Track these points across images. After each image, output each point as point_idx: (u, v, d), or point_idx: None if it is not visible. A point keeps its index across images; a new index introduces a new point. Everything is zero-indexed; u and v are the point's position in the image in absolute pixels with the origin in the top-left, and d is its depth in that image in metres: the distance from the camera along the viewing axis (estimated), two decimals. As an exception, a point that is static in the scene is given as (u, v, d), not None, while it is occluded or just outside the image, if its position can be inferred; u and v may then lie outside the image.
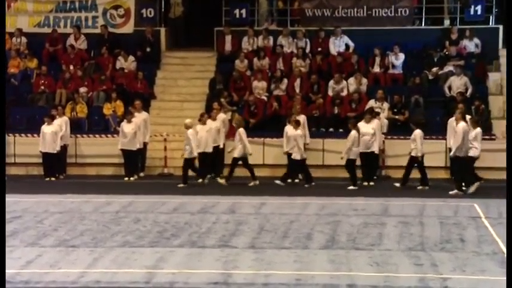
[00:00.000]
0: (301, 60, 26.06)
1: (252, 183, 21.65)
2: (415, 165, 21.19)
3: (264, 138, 23.60)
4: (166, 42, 28.06)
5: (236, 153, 21.69)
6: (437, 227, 16.02)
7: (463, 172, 20.52)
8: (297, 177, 22.23)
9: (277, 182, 21.70)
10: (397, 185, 21.26)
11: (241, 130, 21.81)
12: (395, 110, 24.09)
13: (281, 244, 14.49)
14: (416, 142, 21.00)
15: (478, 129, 20.70)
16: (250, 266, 12.88)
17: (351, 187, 21.16)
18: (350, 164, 21.37)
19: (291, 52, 26.62)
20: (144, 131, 23.14)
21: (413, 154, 21.06)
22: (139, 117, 23.11)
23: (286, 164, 22.44)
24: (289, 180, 21.98)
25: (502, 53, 26.18)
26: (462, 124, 20.41)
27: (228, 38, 27.11)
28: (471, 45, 26.16)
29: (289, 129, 21.86)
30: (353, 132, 21.33)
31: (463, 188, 20.45)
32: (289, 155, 21.76)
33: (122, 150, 22.75)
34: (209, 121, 22.44)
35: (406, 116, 23.96)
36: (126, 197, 19.67)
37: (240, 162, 21.88)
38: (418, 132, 21.11)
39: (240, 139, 21.69)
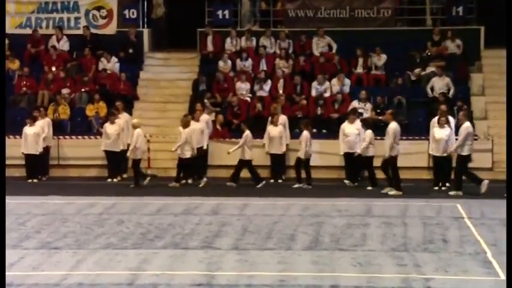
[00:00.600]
0: (284, 61, 26.09)
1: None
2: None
3: (247, 139, 23.56)
4: (149, 43, 28.00)
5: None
6: (420, 228, 16.07)
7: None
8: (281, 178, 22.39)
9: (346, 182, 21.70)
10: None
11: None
12: (378, 111, 24.16)
13: (264, 245, 14.49)
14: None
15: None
16: (234, 267, 12.88)
17: (296, 185, 21.34)
18: (300, 164, 21.47)
19: (274, 53, 26.65)
20: (127, 132, 23.05)
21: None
22: (122, 118, 23.04)
23: (269, 164, 22.50)
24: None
25: (484, 54, 26.33)
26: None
27: (211, 39, 27.09)
28: (453, 46, 26.27)
29: (271, 129, 21.92)
30: (305, 133, 21.34)
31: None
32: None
33: (106, 151, 22.68)
34: (192, 122, 22.35)
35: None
36: (109, 198, 19.62)
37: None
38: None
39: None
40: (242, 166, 21.86)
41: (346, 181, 21.72)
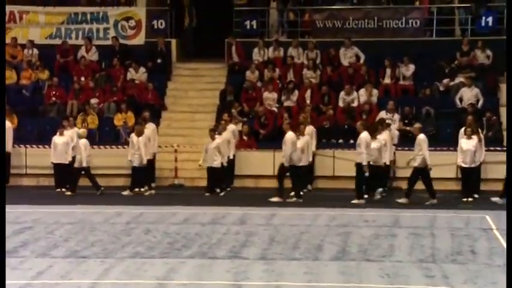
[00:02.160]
0: (312, 72, 26.07)
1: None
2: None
3: (274, 149, 23.53)
4: (177, 53, 28.13)
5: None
6: (449, 239, 15.96)
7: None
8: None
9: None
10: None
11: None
12: (406, 122, 24.05)
13: (291, 255, 14.46)
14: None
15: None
16: (261, 277, 12.86)
17: (275, 198, 20.87)
18: (283, 172, 21.18)
19: (302, 63, 26.64)
20: (153, 142, 23.12)
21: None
22: (149, 128, 23.10)
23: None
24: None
25: (514, 64, 26.09)
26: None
27: (238, 49, 27.14)
28: (482, 56, 26.11)
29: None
30: (290, 135, 21.09)
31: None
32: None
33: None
34: (217, 136, 22.21)
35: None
36: (137, 207, 19.69)
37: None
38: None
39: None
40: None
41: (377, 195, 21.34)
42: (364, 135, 20.82)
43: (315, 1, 28.57)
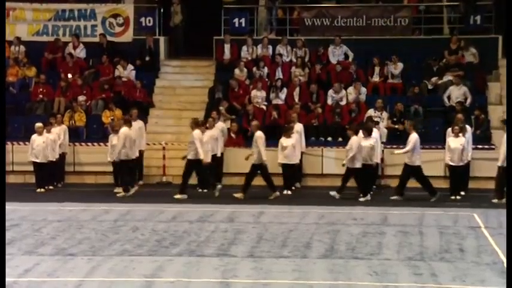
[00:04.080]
0: (301, 69, 26.05)
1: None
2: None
3: (263, 147, 23.52)
4: (165, 50, 28.05)
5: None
6: (437, 237, 15.97)
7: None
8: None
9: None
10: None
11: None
12: (394, 119, 24.07)
13: (280, 253, 14.43)
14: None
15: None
16: (249, 275, 12.83)
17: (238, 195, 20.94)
18: (254, 172, 21.19)
19: (290, 61, 26.62)
20: (139, 139, 23.00)
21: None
22: (135, 125, 22.98)
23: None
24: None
25: (502, 63, 26.17)
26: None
27: (227, 47, 27.11)
28: (470, 55, 26.14)
29: (283, 140, 21.73)
30: (258, 133, 21.17)
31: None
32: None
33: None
34: (207, 131, 22.24)
35: (406, 125, 23.94)
36: (125, 205, 19.63)
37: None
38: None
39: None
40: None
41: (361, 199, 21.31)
42: (356, 139, 20.84)
43: (304, -1, 28.57)
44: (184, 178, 21.29)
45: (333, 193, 21.02)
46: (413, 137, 20.90)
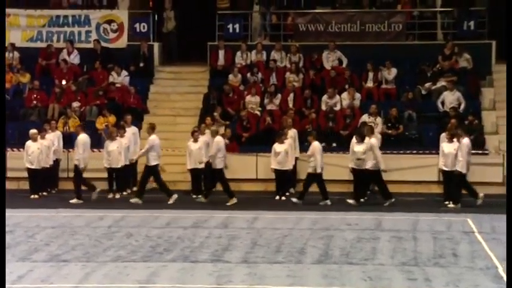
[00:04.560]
0: (295, 75, 26.08)
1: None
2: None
3: (257, 153, 23.55)
4: (160, 56, 28.06)
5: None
6: (431, 242, 15.98)
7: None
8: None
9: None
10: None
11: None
12: (389, 125, 24.11)
13: (274, 259, 14.43)
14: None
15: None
16: (243, 281, 12.82)
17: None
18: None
19: (285, 67, 26.65)
20: (134, 146, 22.98)
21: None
22: (129, 131, 22.98)
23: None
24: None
25: (495, 68, 26.25)
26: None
27: (222, 53, 27.13)
28: (464, 60, 26.20)
29: (276, 146, 21.72)
30: (218, 138, 21.29)
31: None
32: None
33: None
34: (200, 137, 22.24)
35: (400, 130, 24.01)
36: (119, 211, 19.60)
37: None
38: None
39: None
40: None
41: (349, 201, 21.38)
42: (317, 144, 21.05)
43: (298, 5, 28.58)
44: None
45: (351, 201, 20.93)
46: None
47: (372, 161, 20.81)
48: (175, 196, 21.31)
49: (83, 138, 21.78)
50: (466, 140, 20.72)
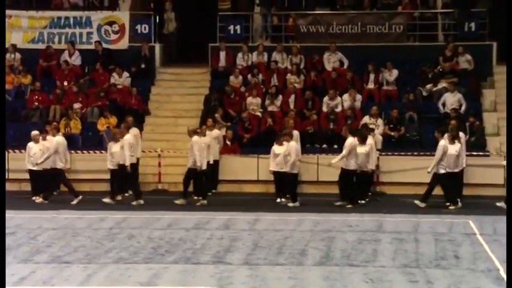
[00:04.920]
0: (296, 76, 26.10)
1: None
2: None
3: (258, 154, 23.57)
4: (161, 58, 28.09)
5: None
6: (432, 244, 15.98)
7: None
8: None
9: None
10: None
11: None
12: (391, 126, 24.12)
13: (275, 260, 14.43)
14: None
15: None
16: (245, 283, 12.82)
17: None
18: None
19: (286, 68, 26.66)
20: (136, 147, 22.99)
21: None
22: (131, 133, 22.97)
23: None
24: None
25: (496, 69, 26.26)
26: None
27: (223, 54, 27.15)
28: (465, 61, 26.22)
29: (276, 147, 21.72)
30: (193, 139, 21.21)
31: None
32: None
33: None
34: (202, 138, 22.20)
35: (401, 132, 24.03)
36: (120, 213, 19.60)
37: None
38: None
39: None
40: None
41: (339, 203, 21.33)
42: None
43: (299, 6, 28.60)
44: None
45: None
46: (348, 141, 20.92)
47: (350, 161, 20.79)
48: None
49: (58, 140, 21.75)
50: (442, 142, 20.76)
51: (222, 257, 14.63)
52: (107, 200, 21.40)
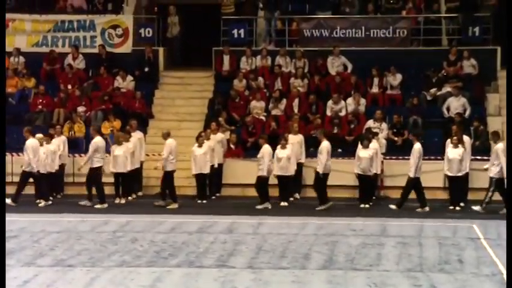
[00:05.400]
0: (300, 80, 26.08)
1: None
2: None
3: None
4: (165, 61, 28.09)
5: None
6: (436, 248, 15.96)
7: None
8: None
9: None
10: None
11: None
12: (395, 131, 24.09)
13: (279, 264, 14.42)
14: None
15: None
16: (248, 286, 12.82)
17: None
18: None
19: (289, 72, 26.65)
20: (139, 150, 23.02)
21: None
22: (135, 136, 23.00)
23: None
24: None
25: (500, 74, 26.20)
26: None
27: (227, 58, 27.15)
28: (470, 66, 26.19)
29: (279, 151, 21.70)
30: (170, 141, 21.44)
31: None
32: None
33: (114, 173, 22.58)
34: (205, 142, 22.24)
35: (405, 136, 23.99)
36: (124, 216, 19.61)
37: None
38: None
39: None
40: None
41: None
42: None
43: (303, 10, 28.59)
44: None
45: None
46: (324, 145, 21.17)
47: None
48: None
49: (31, 142, 21.71)
50: (417, 145, 20.99)
51: (225, 261, 14.62)
52: (83, 202, 21.42)
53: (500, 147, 20.75)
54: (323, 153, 21.03)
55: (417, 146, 21.01)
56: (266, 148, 21.38)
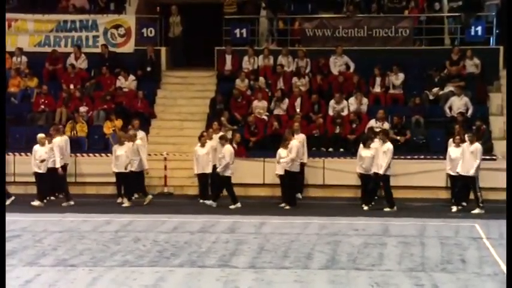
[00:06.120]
0: (302, 80, 26.08)
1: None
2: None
3: (264, 158, 23.55)
4: (167, 61, 28.10)
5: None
6: (438, 248, 15.95)
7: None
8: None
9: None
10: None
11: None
12: (396, 131, 24.08)
13: (281, 264, 14.42)
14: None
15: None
16: (251, 286, 12.82)
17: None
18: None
19: (292, 71, 26.65)
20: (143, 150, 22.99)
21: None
22: (138, 136, 22.95)
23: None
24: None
25: (503, 73, 26.17)
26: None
27: (229, 58, 27.15)
28: (472, 65, 26.17)
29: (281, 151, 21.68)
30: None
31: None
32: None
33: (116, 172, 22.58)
34: (208, 142, 22.24)
35: (407, 136, 23.98)
36: (126, 216, 19.62)
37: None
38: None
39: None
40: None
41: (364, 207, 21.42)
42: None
43: (305, 10, 28.58)
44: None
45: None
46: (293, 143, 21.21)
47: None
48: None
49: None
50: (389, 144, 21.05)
51: (227, 261, 14.62)
52: (34, 203, 21.46)
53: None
54: (293, 153, 21.05)
55: (390, 146, 20.93)
56: (228, 148, 21.43)
